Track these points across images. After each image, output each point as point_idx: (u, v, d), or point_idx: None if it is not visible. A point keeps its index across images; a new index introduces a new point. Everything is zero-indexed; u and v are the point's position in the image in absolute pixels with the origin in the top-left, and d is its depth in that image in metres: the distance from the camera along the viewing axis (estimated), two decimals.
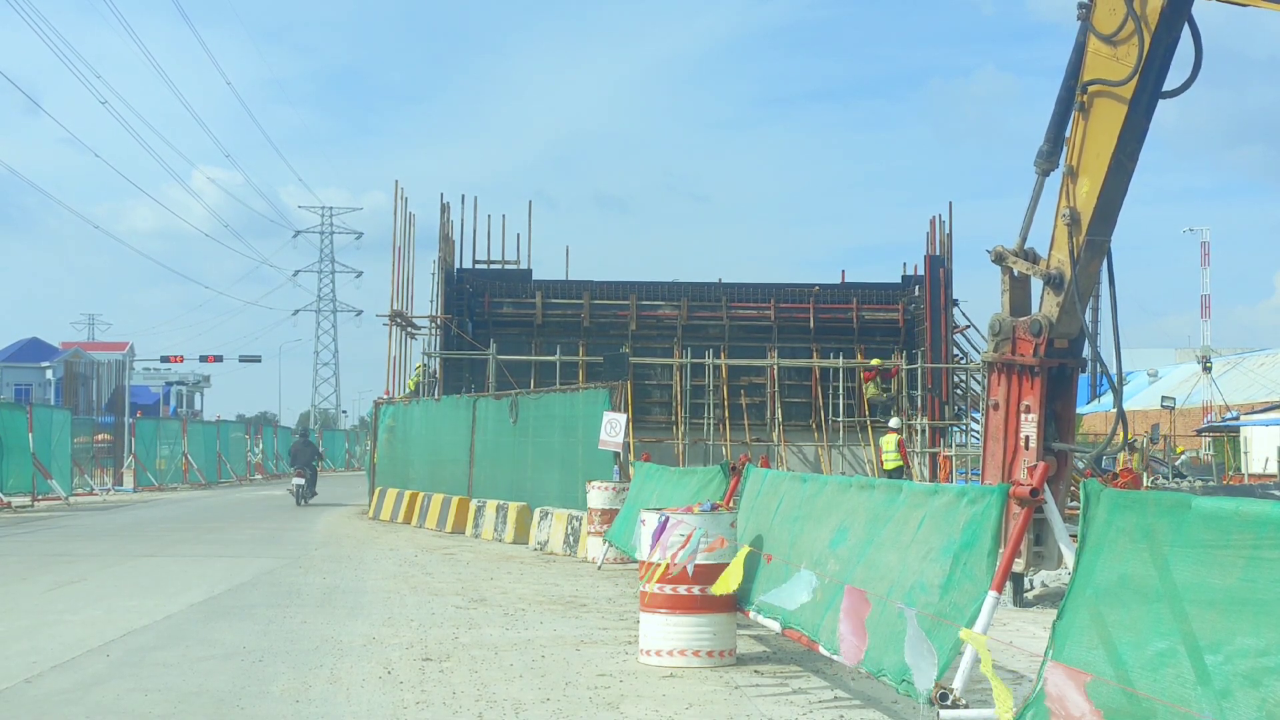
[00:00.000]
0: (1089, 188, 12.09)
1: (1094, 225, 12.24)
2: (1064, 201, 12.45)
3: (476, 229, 37.22)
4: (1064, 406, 13.31)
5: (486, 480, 24.32)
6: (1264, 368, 63.63)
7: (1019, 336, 13.09)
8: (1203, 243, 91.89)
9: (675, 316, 35.80)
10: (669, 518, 9.64)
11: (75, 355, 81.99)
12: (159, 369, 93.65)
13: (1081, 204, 12.22)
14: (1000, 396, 13.23)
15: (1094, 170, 12.04)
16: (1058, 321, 12.83)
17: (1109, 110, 11.82)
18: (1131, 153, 11.89)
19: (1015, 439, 13.12)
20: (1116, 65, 11.59)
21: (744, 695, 8.55)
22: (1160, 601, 5.06)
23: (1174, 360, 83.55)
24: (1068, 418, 13.31)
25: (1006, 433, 13.17)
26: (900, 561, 7.34)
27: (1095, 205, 12.14)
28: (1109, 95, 11.73)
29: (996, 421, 13.34)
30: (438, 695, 8.44)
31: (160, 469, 43.30)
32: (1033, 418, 12.95)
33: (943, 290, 34.80)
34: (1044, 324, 12.87)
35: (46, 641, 10.47)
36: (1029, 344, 13.00)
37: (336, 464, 77.24)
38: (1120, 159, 11.89)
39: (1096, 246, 12.36)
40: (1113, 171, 11.95)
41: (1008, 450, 13.16)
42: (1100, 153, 11.96)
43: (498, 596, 13.91)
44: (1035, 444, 13.00)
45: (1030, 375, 12.97)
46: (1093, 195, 12.09)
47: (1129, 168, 11.94)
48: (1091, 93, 12.00)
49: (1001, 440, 13.19)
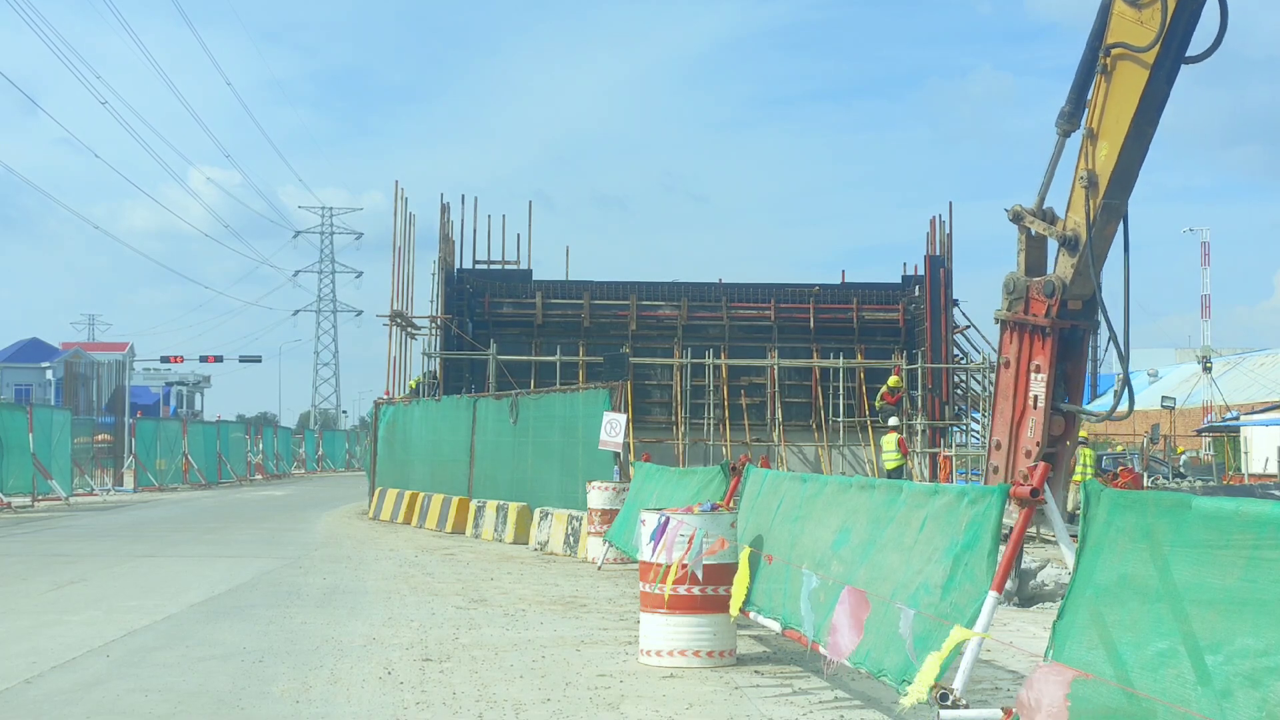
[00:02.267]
0: (1108, 151, 12.08)
1: (1111, 189, 12.23)
2: (1083, 164, 12.44)
3: (476, 229, 37.30)
4: (1074, 368, 13.34)
5: (486, 480, 24.32)
6: (1264, 368, 63.63)
7: (1032, 296, 13.11)
8: (1203, 243, 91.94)
9: (675, 316, 35.81)
10: (669, 518, 9.64)
11: (75, 355, 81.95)
12: (159, 369, 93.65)
13: (1100, 167, 12.21)
14: (1011, 354, 13.29)
15: (1114, 134, 12.02)
16: (1071, 283, 12.85)
17: (1131, 74, 11.78)
18: (1151, 118, 11.87)
19: (1024, 398, 13.18)
20: (1140, 29, 11.55)
21: (744, 695, 8.55)
22: (1160, 601, 5.06)
23: (1174, 360, 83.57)
24: (1077, 379, 13.36)
25: (1016, 390, 13.24)
26: (904, 563, 7.34)
27: (1114, 169, 12.13)
28: (1132, 59, 11.70)
29: (1007, 379, 13.40)
30: (438, 695, 8.43)
31: (160, 469, 43.28)
32: (1042, 377, 12.99)
33: (943, 290, 34.80)
34: (1058, 285, 12.89)
35: (46, 642, 10.47)
36: (1042, 304, 13.01)
37: (336, 464, 77.25)
38: (1140, 124, 11.87)
39: (1113, 210, 12.36)
40: (1132, 136, 11.93)
41: (1016, 409, 13.24)
42: (1121, 117, 11.94)
43: (498, 597, 13.90)
44: (1044, 403, 13.07)
45: (1042, 335, 13.00)
46: (1111, 159, 12.08)
47: (1148, 133, 11.92)
48: (1114, 56, 11.96)
49: (1011, 398, 13.28)
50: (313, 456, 72.88)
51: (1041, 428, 12.80)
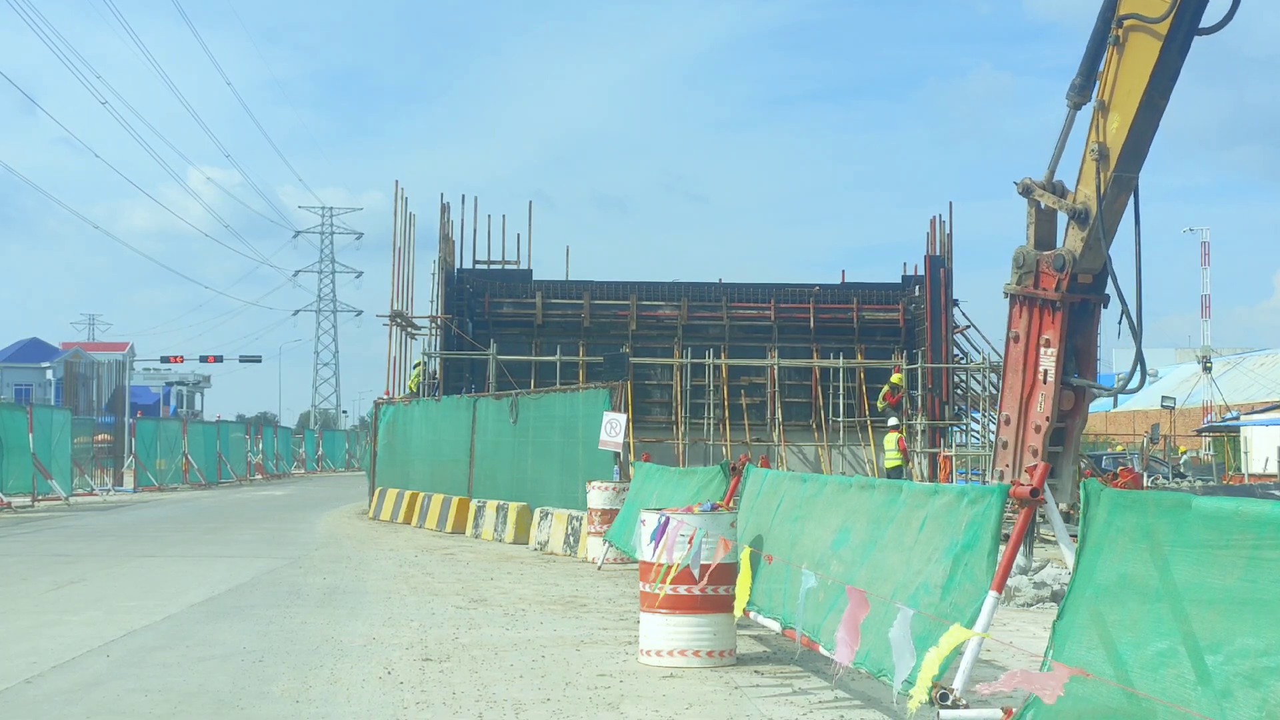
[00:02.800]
0: (1119, 123, 12.02)
1: (1123, 161, 12.17)
2: (1094, 136, 12.37)
3: (476, 229, 37.28)
4: (1084, 342, 13.26)
5: (486, 480, 24.31)
6: (1264, 368, 63.62)
7: (1042, 270, 13.03)
8: (1203, 243, 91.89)
9: (675, 316, 35.80)
10: (669, 518, 9.64)
11: (75, 355, 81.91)
12: (159, 369, 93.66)
13: (1111, 139, 12.15)
14: (1021, 329, 13.20)
15: (1125, 106, 11.96)
16: (1081, 257, 12.78)
17: (1144, 46, 11.70)
18: (1164, 90, 11.80)
19: (1034, 372, 13.10)
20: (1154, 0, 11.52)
21: (744, 695, 8.54)
22: (1160, 601, 5.05)
23: (1174, 360, 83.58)
24: (1088, 353, 13.28)
25: (1025, 365, 13.16)
26: (904, 563, 7.34)
27: (1125, 141, 12.07)
28: (1145, 30, 11.63)
29: (1016, 354, 13.31)
30: (438, 695, 8.43)
31: (160, 469, 43.26)
32: (1052, 352, 12.91)
33: (943, 290, 34.80)
34: (1068, 259, 12.82)
35: (46, 641, 10.47)
36: (1052, 278, 12.93)
37: (336, 464, 77.25)
38: (1152, 96, 11.80)
39: (1124, 183, 12.31)
40: (1144, 108, 11.86)
41: (1025, 383, 13.15)
42: (1133, 89, 11.87)
43: (498, 597, 13.90)
44: (1054, 378, 12.99)
45: (1052, 309, 12.91)
46: (1123, 131, 12.02)
47: (1160, 105, 11.85)
48: (1127, 27, 11.88)
49: (1020, 372, 13.19)
50: (313, 456, 72.87)
51: (1051, 402, 12.72)
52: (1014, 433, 13.15)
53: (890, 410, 31.54)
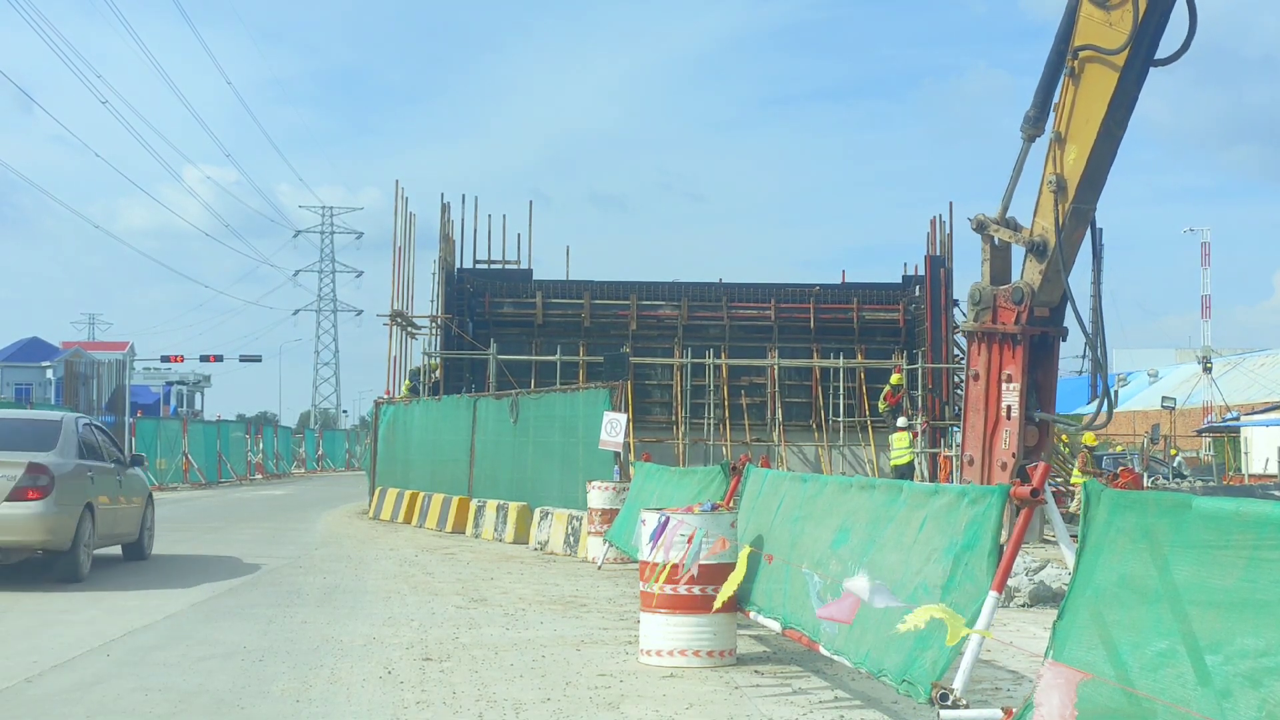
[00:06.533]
0: (1076, 154, 11.95)
1: (1080, 192, 12.12)
2: (1050, 168, 12.31)
3: (476, 229, 37.29)
4: (1045, 376, 13.16)
5: (487, 480, 24.32)
6: (1264, 368, 63.60)
7: (1000, 305, 12.95)
8: (1203, 243, 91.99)
9: (675, 316, 35.80)
10: (669, 518, 9.64)
11: (75, 355, 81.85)
12: (159, 369, 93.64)
13: (1069, 171, 12.09)
14: (980, 366, 13.08)
15: (1083, 137, 11.89)
16: (1040, 289, 12.71)
17: (1100, 77, 11.63)
18: (1121, 120, 11.72)
19: (996, 409, 12.96)
20: (1110, 31, 11.42)
21: (744, 695, 8.55)
22: (1160, 602, 5.06)
23: (1174, 360, 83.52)
24: (1049, 387, 13.18)
25: (987, 403, 13.01)
26: (903, 563, 7.34)
27: (1083, 172, 12.02)
28: (1101, 62, 11.55)
29: (977, 392, 13.16)
30: (438, 695, 8.44)
31: (160, 469, 43.26)
32: (1015, 386, 12.81)
33: (943, 290, 34.80)
34: (1026, 292, 12.75)
35: (46, 641, 10.46)
36: (1010, 312, 12.85)
37: (336, 464, 77.29)
38: (1110, 126, 11.73)
39: (1082, 214, 12.26)
40: (1102, 138, 11.80)
41: (988, 421, 13.01)
42: (1090, 119, 11.80)
43: (498, 596, 13.91)
44: (1018, 413, 12.86)
45: (1012, 344, 12.83)
46: (1080, 162, 11.95)
47: (1118, 135, 11.79)
48: (1083, 58, 11.81)
49: (982, 411, 13.03)
50: (313, 456, 72.87)
51: (1016, 438, 12.56)
52: (979, 473, 12.95)
53: (891, 411, 31.54)
